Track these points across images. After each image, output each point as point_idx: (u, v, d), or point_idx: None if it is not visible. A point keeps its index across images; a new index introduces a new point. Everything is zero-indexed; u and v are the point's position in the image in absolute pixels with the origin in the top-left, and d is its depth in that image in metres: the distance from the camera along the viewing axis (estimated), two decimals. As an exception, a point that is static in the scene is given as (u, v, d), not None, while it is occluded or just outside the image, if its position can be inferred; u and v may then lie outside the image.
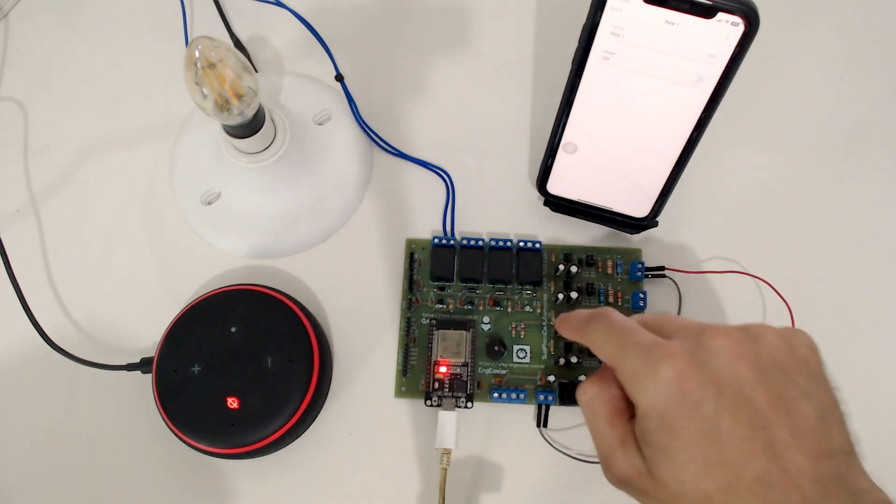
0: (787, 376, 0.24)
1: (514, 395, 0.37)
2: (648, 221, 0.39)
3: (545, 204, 0.41)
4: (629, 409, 0.26)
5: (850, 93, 0.45)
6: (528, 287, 0.40)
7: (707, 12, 0.28)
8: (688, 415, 0.23)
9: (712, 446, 0.23)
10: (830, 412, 0.24)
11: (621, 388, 0.26)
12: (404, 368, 0.39)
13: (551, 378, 0.38)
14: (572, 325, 0.28)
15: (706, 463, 0.23)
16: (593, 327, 0.27)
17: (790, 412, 0.23)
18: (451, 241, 0.40)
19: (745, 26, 0.28)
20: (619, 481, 0.25)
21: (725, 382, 0.23)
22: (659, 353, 0.24)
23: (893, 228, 0.42)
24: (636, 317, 0.27)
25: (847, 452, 0.23)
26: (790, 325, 0.38)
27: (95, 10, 0.50)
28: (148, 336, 0.40)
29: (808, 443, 0.23)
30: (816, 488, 0.22)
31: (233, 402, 0.35)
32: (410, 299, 0.40)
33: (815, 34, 0.47)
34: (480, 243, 0.40)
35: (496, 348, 0.38)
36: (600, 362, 0.38)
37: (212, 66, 0.33)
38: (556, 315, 0.39)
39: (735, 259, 0.41)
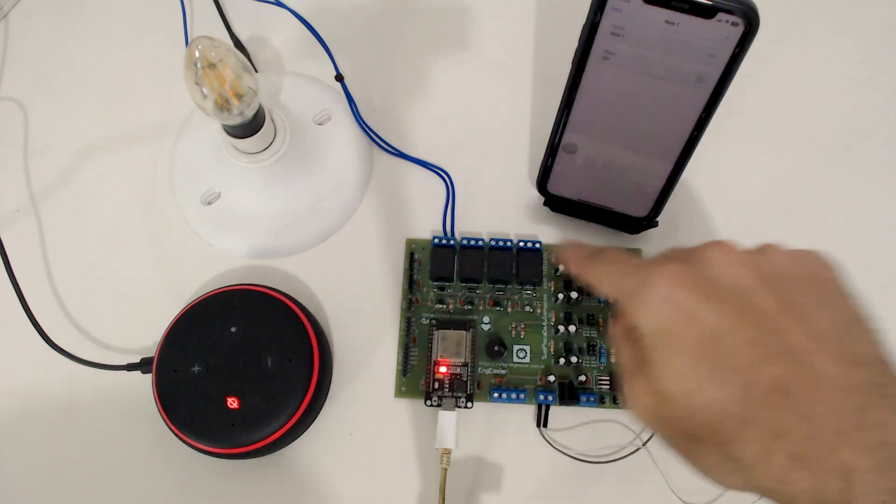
0: (797, 286, 0.22)
1: (514, 395, 0.37)
2: (648, 221, 0.39)
3: (545, 204, 0.41)
4: None
5: (850, 92, 0.45)
6: (528, 287, 0.40)
7: (707, 12, 0.28)
8: (685, 323, 0.22)
9: (715, 352, 0.21)
10: (853, 323, 0.22)
11: None
12: (404, 368, 0.39)
13: (551, 378, 0.38)
14: (577, 260, 0.27)
15: (711, 370, 0.21)
16: (597, 261, 0.26)
17: (804, 319, 0.21)
18: (451, 241, 0.40)
19: (745, 26, 0.28)
20: (640, 410, 0.24)
21: (724, 288, 0.22)
22: (653, 269, 0.23)
23: (894, 228, 0.42)
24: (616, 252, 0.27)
25: (882, 362, 0.21)
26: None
27: (95, 10, 0.50)
28: (148, 336, 0.40)
29: (832, 350, 0.20)
30: (850, 397, 0.20)
31: (233, 402, 0.35)
32: (410, 299, 0.40)
33: (815, 34, 0.47)
34: (480, 243, 0.40)
35: (496, 348, 0.38)
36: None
37: (212, 66, 0.33)
38: (556, 316, 0.39)
39: (735, 259, 0.41)
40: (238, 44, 0.47)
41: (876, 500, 0.18)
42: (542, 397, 0.37)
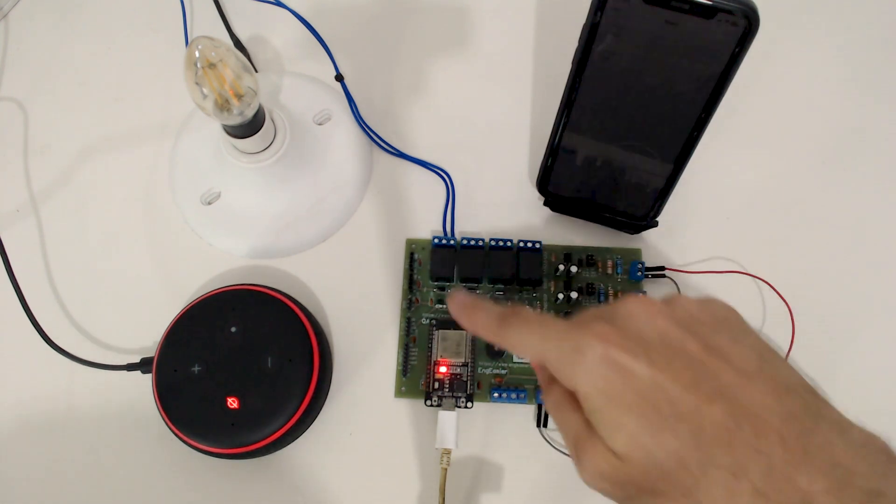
0: (711, 328, 0.23)
1: (514, 395, 0.37)
2: (648, 221, 0.39)
3: (545, 204, 0.41)
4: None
5: (850, 92, 0.45)
6: (528, 287, 0.40)
7: (707, 12, 0.28)
8: (624, 381, 0.22)
9: (659, 404, 0.21)
10: (770, 354, 0.23)
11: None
12: (404, 368, 0.39)
13: (551, 378, 0.38)
14: (482, 328, 0.26)
15: (661, 421, 0.21)
16: (509, 329, 0.25)
17: (727, 358, 0.22)
18: (451, 241, 0.40)
19: (745, 26, 0.28)
20: (597, 476, 0.23)
21: (651, 340, 0.22)
22: (579, 332, 0.23)
23: (893, 228, 0.42)
24: (533, 313, 0.25)
25: (806, 389, 0.22)
26: (791, 324, 0.38)
27: (95, 10, 0.50)
28: (148, 336, 0.40)
29: (760, 381, 0.21)
30: (791, 424, 0.20)
31: (233, 402, 0.35)
32: (410, 299, 0.40)
33: (815, 34, 0.47)
34: (480, 243, 0.40)
35: (496, 348, 0.38)
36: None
37: (212, 66, 0.33)
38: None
39: (735, 259, 0.41)
40: (238, 44, 0.47)
41: None
42: (541, 397, 0.37)
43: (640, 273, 0.39)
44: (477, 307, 0.27)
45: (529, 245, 0.40)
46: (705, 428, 0.21)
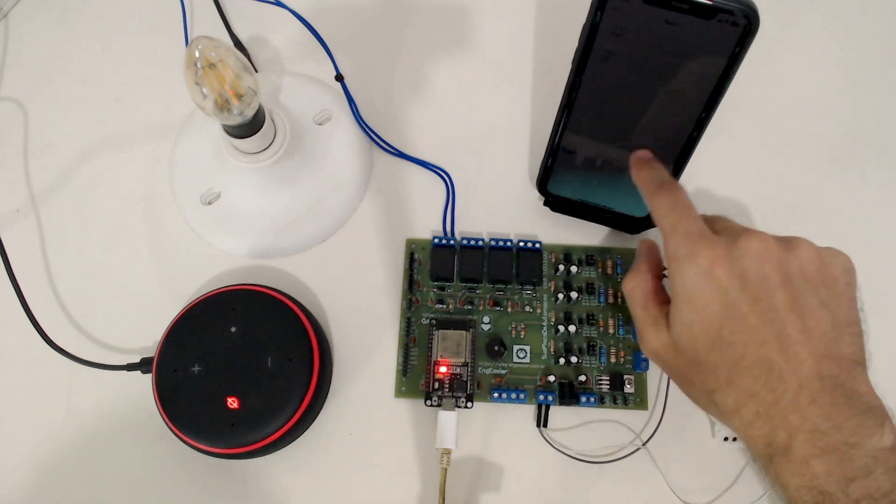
0: (810, 286, 0.27)
1: (514, 395, 0.37)
2: (648, 221, 0.39)
3: (545, 204, 0.41)
4: (660, 294, 0.31)
5: (850, 92, 0.45)
6: (528, 287, 0.40)
7: (707, 12, 0.28)
8: (710, 296, 0.27)
9: (725, 326, 0.26)
10: (846, 325, 0.27)
11: (655, 278, 0.31)
12: (404, 368, 0.39)
13: (551, 378, 0.38)
14: (643, 182, 0.32)
15: (717, 338, 0.27)
16: (659, 198, 0.30)
17: (804, 315, 0.26)
18: (451, 241, 0.40)
19: (745, 26, 0.28)
20: (651, 352, 0.30)
21: (750, 278, 0.26)
22: (701, 243, 0.27)
23: (894, 228, 0.42)
24: (685, 199, 0.30)
25: (854, 362, 0.26)
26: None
27: (95, 10, 0.50)
28: (148, 336, 0.40)
29: (815, 344, 0.26)
30: (813, 381, 0.25)
31: (233, 402, 0.35)
32: (410, 299, 0.40)
33: (815, 34, 0.47)
34: (480, 243, 0.40)
35: (496, 348, 0.38)
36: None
37: (212, 66, 0.33)
38: (556, 316, 0.39)
39: (735, 259, 0.41)
40: (238, 44, 0.47)
41: (804, 452, 0.25)
42: (542, 397, 0.37)
43: (640, 273, 0.39)
44: (650, 165, 0.33)
45: (529, 245, 0.40)
46: (746, 356, 0.26)
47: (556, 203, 0.41)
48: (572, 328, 0.38)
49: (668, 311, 0.29)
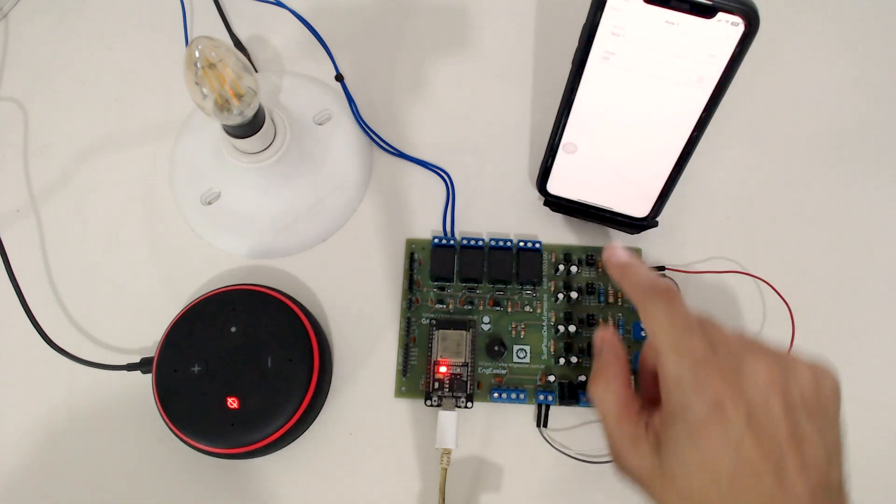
0: (809, 414, 0.26)
1: (514, 395, 0.37)
2: (648, 221, 0.39)
3: (545, 204, 0.41)
4: (636, 401, 0.27)
5: (850, 92, 0.45)
6: (528, 287, 0.40)
7: (707, 12, 0.28)
8: (715, 429, 0.24)
9: (729, 462, 0.24)
10: (835, 453, 0.26)
11: (626, 385, 0.28)
12: (404, 368, 0.39)
13: (551, 378, 0.38)
14: (631, 288, 0.28)
15: (718, 474, 0.24)
16: (654, 308, 0.27)
17: (803, 447, 0.25)
18: (451, 241, 0.40)
19: (745, 26, 0.28)
20: (627, 471, 0.27)
21: (757, 410, 0.25)
22: (708, 371, 0.25)
23: (893, 228, 0.42)
24: (684, 308, 0.27)
25: (839, 490, 0.26)
26: (791, 324, 0.38)
27: (95, 10, 0.50)
28: (148, 336, 0.40)
29: (812, 476, 0.25)
30: None
31: (233, 402, 0.35)
32: (410, 299, 0.40)
33: (815, 34, 0.47)
34: (480, 243, 0.40)
35: (496, 348, 0.38)
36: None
37: (212, 66, 0.33)
38: (556, 316, 0.39)
39: (735, 259, 0.41)
40: (238, 44, 0.47)
41: None
42: (542, 397, 0.37)
43: (640, 273, 0.39)
44: (633, 267, 0.29)
45: (529, 245, 0.40)
46: (745, 496, 0.24)
47: (556, 203, 0.41)
48: (572, 328, 0.38)
49: (649, 423, 0.26)
